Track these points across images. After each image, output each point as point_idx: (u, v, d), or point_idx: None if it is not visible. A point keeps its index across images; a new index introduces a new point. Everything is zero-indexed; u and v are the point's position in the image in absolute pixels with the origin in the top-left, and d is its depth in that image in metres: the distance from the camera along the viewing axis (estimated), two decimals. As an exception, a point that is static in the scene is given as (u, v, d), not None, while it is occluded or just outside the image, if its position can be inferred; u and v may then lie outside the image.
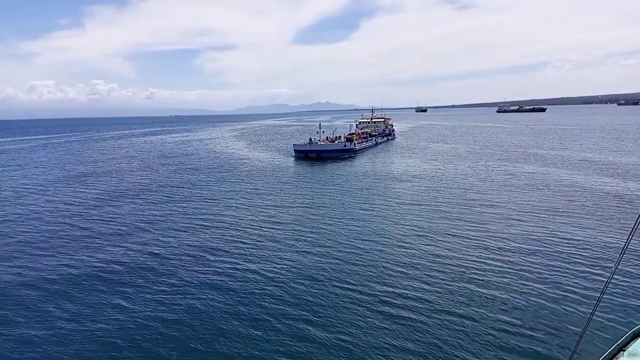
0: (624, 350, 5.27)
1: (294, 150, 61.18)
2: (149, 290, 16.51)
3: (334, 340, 12.61)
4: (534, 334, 12.64)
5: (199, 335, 13.19)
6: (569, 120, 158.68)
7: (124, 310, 14.96)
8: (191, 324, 13.79)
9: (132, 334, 13.42)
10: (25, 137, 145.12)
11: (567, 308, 14.09)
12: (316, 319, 13.90)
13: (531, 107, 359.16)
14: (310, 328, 13.34)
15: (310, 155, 57.81)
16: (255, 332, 13.19)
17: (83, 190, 38.87)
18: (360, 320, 13.73)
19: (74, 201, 33.94)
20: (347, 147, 61.22)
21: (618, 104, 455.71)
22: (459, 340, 12.43)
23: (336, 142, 64.03)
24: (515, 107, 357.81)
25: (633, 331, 5.58)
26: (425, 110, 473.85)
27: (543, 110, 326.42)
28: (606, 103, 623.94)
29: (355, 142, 66.19)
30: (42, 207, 32.18)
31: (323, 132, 65.58)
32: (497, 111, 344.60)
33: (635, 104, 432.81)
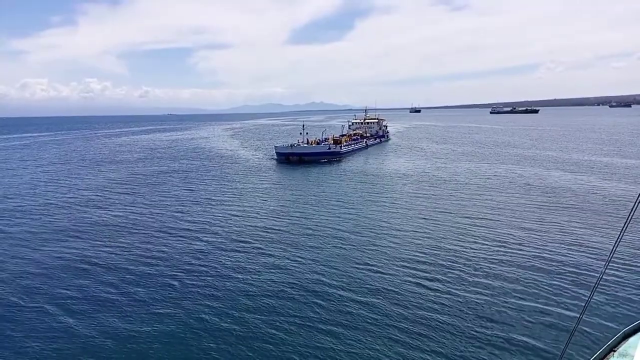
0: (615, 351, 5.27)
1: (276, 152, 58.56)
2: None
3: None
4: (523, 333, 12.52)
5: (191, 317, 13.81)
6: (561, 122, 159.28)
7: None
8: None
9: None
10: (25, 135, 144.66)
11: (556, 308, 13.95)
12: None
13: (524, 108, 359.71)
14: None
15: (292, 158, 55.36)
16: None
17: (97, 180, 43.78)
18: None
19: (91, 189, 38.94)
20: (331, 150, 58.84)
21: (610, 106, 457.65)
22: (443, 336, 12.57)
23: (322, 144, 61.77)
24: (509, 109, 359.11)
25: (623, 332, 5.54)
26: (419, 111, 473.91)
27: (536, 111, 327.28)
28: (598, 105, 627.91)
29: (343, 144, 64.06)
30: (63, 195, 35.94)
31: (307, 133, 62.93)
32: (491, 112, 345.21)
33: (628, 105, 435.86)
